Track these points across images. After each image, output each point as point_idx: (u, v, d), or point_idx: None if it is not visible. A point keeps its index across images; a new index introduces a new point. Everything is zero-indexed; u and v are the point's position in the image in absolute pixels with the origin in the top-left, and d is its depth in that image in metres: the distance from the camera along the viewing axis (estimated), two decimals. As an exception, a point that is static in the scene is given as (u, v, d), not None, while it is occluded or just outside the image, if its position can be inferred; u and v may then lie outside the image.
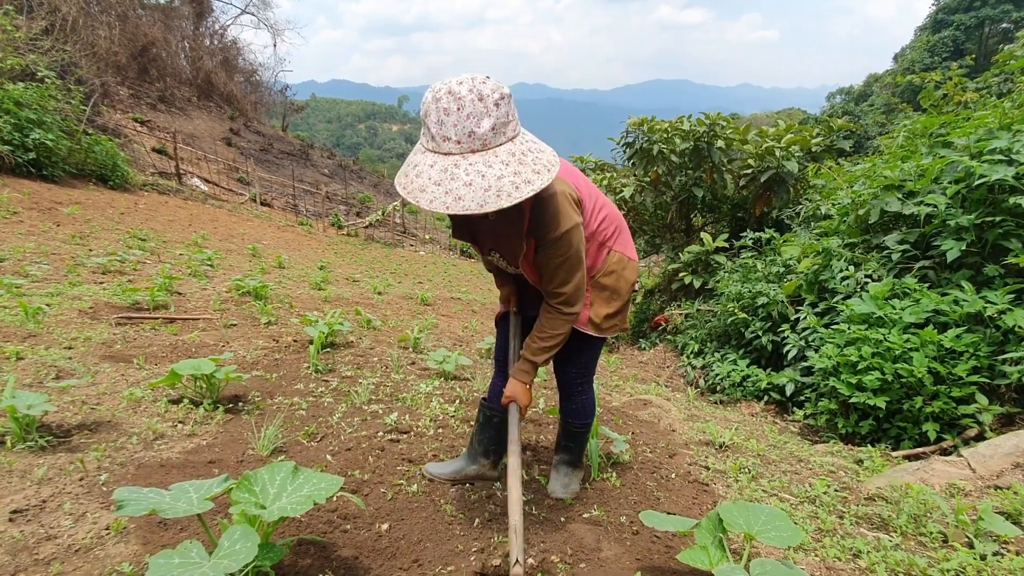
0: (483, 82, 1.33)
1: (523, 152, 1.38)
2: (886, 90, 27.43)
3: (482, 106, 1.31)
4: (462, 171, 1.31)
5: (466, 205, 1.30)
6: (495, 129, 1.33)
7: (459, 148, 1.32)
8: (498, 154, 1.34)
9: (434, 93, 1.33)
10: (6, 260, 5.26)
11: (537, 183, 1.35)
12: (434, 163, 1.34)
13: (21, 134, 9.46)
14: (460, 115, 1.30)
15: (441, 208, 1.31)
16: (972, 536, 1.94)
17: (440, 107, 1.31)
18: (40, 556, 1.49)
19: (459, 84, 1.31)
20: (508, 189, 1.31)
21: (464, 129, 1.31)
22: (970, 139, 4.09)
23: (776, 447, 3.18)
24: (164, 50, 25.54)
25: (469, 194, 1.30)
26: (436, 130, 1.32)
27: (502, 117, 1.34)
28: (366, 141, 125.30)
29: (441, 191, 1.31)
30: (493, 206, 1.30)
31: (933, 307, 3.55)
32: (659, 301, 8.79)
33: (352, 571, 1.56)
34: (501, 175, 1.32)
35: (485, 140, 1.33)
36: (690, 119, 8.19)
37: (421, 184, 1.34)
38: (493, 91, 1.33)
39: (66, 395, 2.58)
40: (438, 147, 1.34)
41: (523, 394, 1.78)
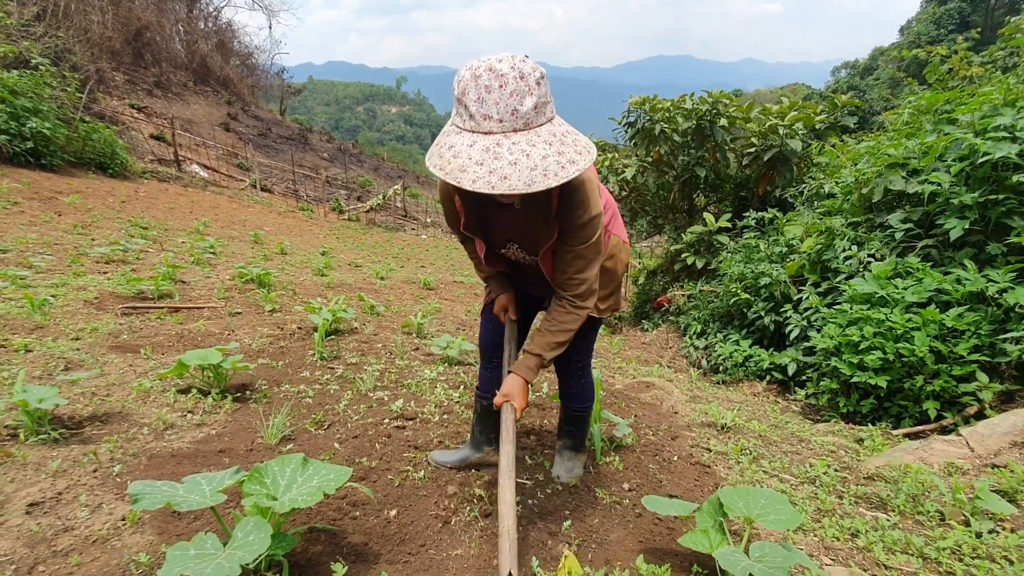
0: (523, 60, 1.28)
1: (563, 133, 1.35)
2: (892, 64, 26.95)
3: (524, 84, 1.26)
4: (505, 150, 1.26)
5: (512, 184, 1.24)
6: (537, 108, 1.29)
7: (501, 127, 1.27)
8: (540, 134, 1.30)
9: (472, 71, 1.27)
10: (9, 251, 5.28)
11: (580, 163, 1.32)
12: (474, 142, 1.28)
13: (18, 123, 9.40)
14: (502, 92, 1.25)
15: (485, 188, 1.24)
16: (968, 514, 1.98)
17: (480, 84, 1.25)
18: (58, 548, 1.53)
19: (499, 62, 1.26)
20: (554, 168, 1.27)
21: (507, 107, 1.26)
22: (974, 116, 4.04)
23: (777, 427, 3.21)
24: (158, 34, 25.19)
25: (515, 173, 1.24)
26: (476, 108, 1.27)
27: (543, 96, 1.31)
28: (365, 124, 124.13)
29: (484, 170, 1.25)
30: (540, 185, 1.25)
31: (935, 286, 3.56)
32: (662, 282, 8.79)
33: (362, 557, 1.60)
34: (546, 154, 1.27)
35: (528, 119, 1.28)
36: (692, 97, 8.09)
37: (461, 164, 1.26)
38: (533, 70, 1.29)
39: (76, 387, 2.62)
40: (478, 126, 1.28)
41: (521, 393, 1.69)
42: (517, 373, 1.72)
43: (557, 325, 1.70)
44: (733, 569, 1.34)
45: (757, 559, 1.39)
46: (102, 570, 1.46)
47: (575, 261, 1.62)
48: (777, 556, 1.39)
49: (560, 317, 1.70)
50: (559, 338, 1.71)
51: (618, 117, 8.90)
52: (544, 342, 1.70)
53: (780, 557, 1.38)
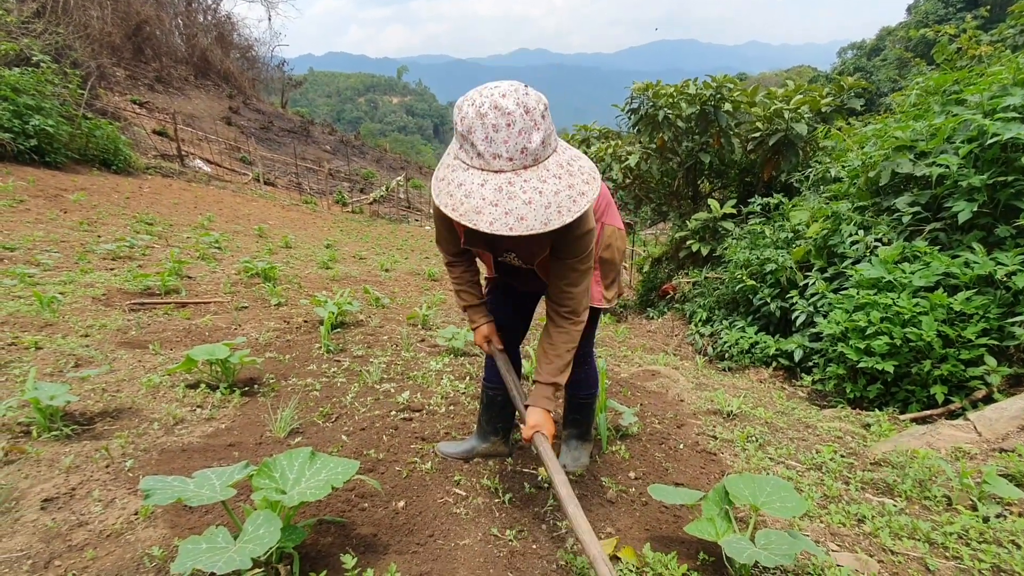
0: (525, 93, 1.27)
1: (568, 162, 1.35)
2: (899, 44, 26.51)
3: (530, 120, 1.25)
4: (518, 189, 1.26)
5: (529, 224, 1.25)
6: (544, 143, 1.29)
7: (511, 165, 1.27)
8: (549, 168, 1.30)
9: (477, 108, 1.26)
10: (17, 249, 5.32)
11: (590, 194, 1.33)
12: (484, 181, 1.27)
13: (21, 121, 9.43)
14: (511, 131, 1.24)
15: (503, 230, 1.24)
16: (976, 499, 1.98)
17: (488, 124, 1.24)
18: (74, 542, 1.56)
19: (503, 97, 1.25)
20: (567, 204, 1.29)
21: (516, 146, 1.25)
22: (983, 96, 3.98)
23: (784, 414, 3.21)
24: (158, 28, 25.09)
25: (531, 212, 1.25)
26: (485, 148, 1.26)
27: (548, 128, 1.30)
28: (366, 115, 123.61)
29: (500, 211, 1.25)
30: (556, 223, 1.27)
31: (943, 270, 3.53)
32: (667, 269, 8.76)
33: (371, 547, 1.62)
34: (557, 190, 1.28)
35: (537, 155, 1.28)
36: (696, 82, 8.00)
37: (475, 205, 1.26)
38: (537, 102, 1.27)
39: (86, 383, 2.65)
40: (487, 164, 1.27)
41: (548, 422, 1.69)
42: (537, 405, 1.70)
43: (559, 347, 1.70)
44: (739, 556, 1.35)
45: (763, 546, 1.39)
46: (116, 564, 1.48)
47: (568, 274, 1.63)
48: (783, 543, 1.40)
49: (560, 339, 1.70)
50: (565, 359, 1.71)
51: (621, 104, 8.82)
52: (552, 368, 1.70)
53: (786, 544, 1.39)
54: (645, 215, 10.63)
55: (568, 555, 1.63)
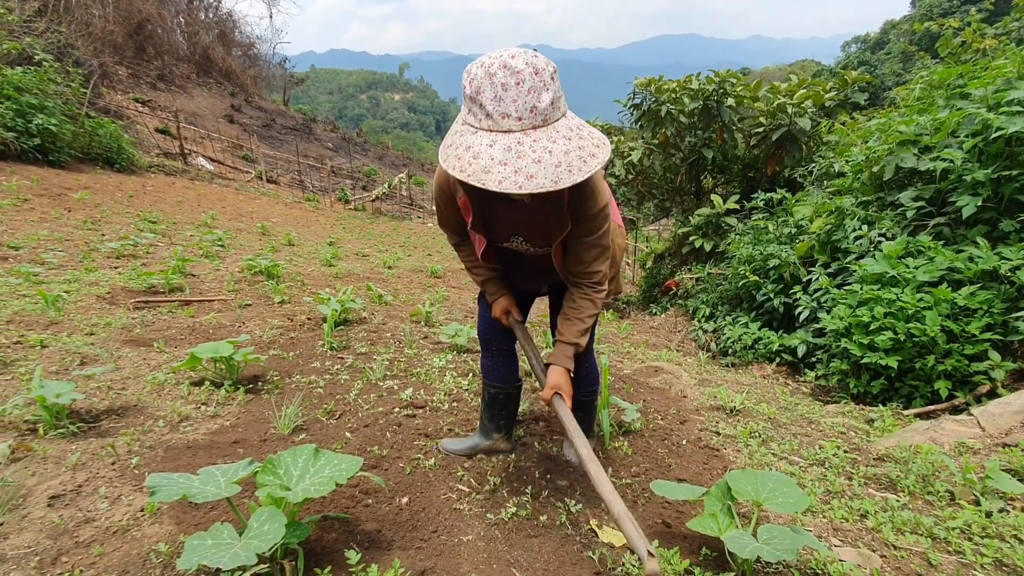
0: (534, 56, 1.27)
1: (578, 127, 1.33)
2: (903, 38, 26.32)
3: (540, 80, 1.24)
4: (527, 148, 1.24)
5: (540, 183, 1.23)
6: (554, 104, 1.27)
7: (520, 125, 1.25)
8: (558, 129, 1.28)
9: (486, 68, 1.25)
10: (22, 248, 5.35)
11: (601, 156, 1.31)
12: (493, 142, 1.25)
13: (24, 120, 9.45)
14: (520, 90, 1.23)
15: (513, 188, 1.22)
16: (979, 494, 1.98)
17: (497, 82, 1.23)
18: (80, 539, 1.57)
19: (512, 58, 1.24)
20: (577, 164, 1.26)
21: (526, 104, 1.24)
22: (988, 90, 3.96)
23: (787, 409, 3.21)
24: (159, 26, 25.11)
25: (540, 171, 1.23)
26: (494, 107, 1.24)
27: (557, 91, 1.29)
28: (368, 112, 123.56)
29: (509, 170, 1.23)
30: (567, 182, 1.24)
31: (947, 265, 3.51)
32: (669, 265, 8.75)
33: (375, 543, 1.63)
34: (567, 150, 1.26)
35: (546, 115, 1.27)
36: (699, 77, 7.97)
37: (484, 165, 1.24)
38: (547, 64, 1.27)
39: (92, 381, 2.67)
40: (496, 124, 1.26)
41: (568, 382, 1.71)
42: (558, 364, 1.71)
43: (582, 312, 1.72)
44: (741, 551, 1.35)
45: (765, 541, 1.40)
46: (123, 560, 1.50)
47: (590, 250, 1.64)
48: (785, 538, 1.40)
49: (582, 303, 1.72)
50: (587, 323, 1.73)
51: (623, 99, 8.80)
52: (575, 330, 1.73)
53: (788, 539, 1.39)
54: (648, 211, 10.62)
55: (573, 548, 1.64)
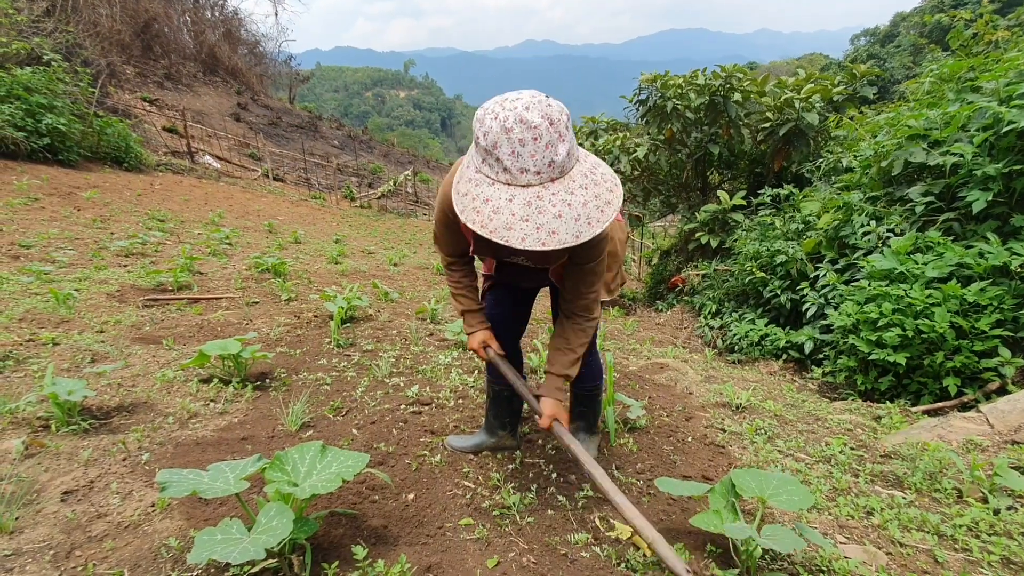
0: (548, 104, 1.26)
1: (591, 170, 1.34)
2: (914, 30, 26.00)
3: (555, 132, 1.24)
4: (547, 203, 1.25)
5: (562, 239, 1.25)
6: (570, 153, 1.28)
7: (539, 179, 1.26)
8: (575, 179, 1.29)
9: (501, 123, 1.23)
10: (33, 247, 5.41)
11: (615, 202, 1.32)
12: (512, 196, 1.26)
13: (33, 120, 9.54)
14: (538, 145, 1.23)
15: (536, 245, 1.24)
16: (987, 491, 1.97)
17: (514, 138, 1.22)
18: (93, 533, 1.60)
19: (527, 110, 1.23)
20: (595, 215, 1.28)
21: (544, 159, 1.24)
22: (999, 83, 3.91)
23: (793, 406, 3.20)
24: (166, 25, 25.23)
25: (562, 226, 1.25)
26: (512, 163, 1.24)
27: (571, 139, 1.29)
28: (374, 109, 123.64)
29: (531, 227, 1.24)
30: (587, 235, 1.26)
31: (957, 261, 3.48)
32: (676, 262, 8.72)
33: (382, 539, 1.65)
34: (585, 200, 1.28)
35: (563, 167, 1.27)
36: (705, 72, 7.92)
37: (505, 221, 1.25)
38: (560, 113, 1.26)
39: (103, 379, 2.70)
40: (514, 179, 1.26)
41: (563, 411, 1.75)
42: (549, 396, 1.74)
43: (573, 343, 1.74)
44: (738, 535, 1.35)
45: (767, 537, 1.40)
46: (135, 554, 1.52)
47: (586, 277, 1.66)
48: (787, 536, 1.40)
49: (573, 336, 1.74)
50: (577, 353, 1.75)
51: (629, 95, 8.76)
52: (565, 361, 1.75)
53: (791, 538, 1.39)
54: (654, 207, 10.58)
55: (579, 543, 1.65)
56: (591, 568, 1.56)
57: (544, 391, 1.76)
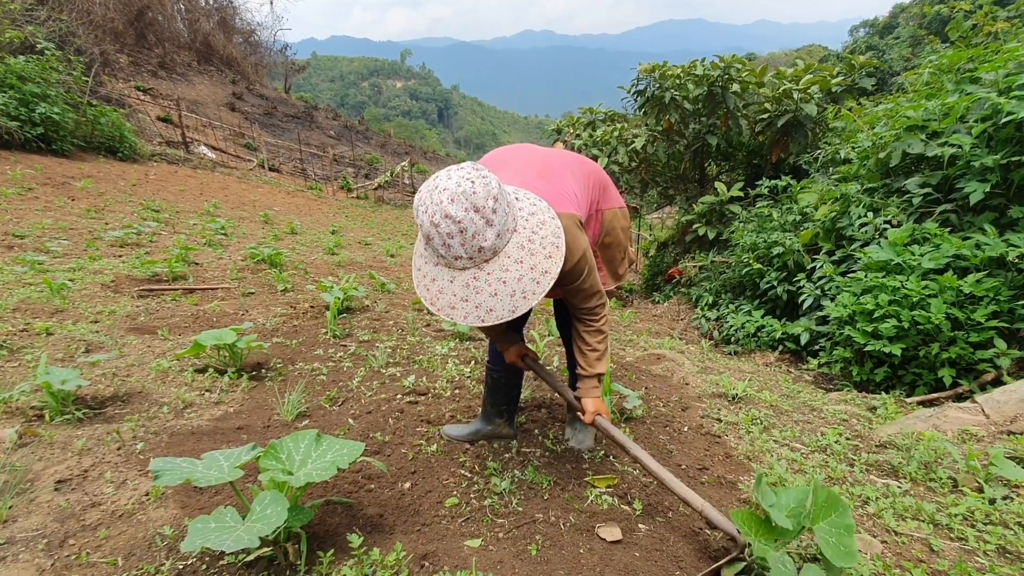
0: (472, 192, 1.27)
1: (528, 240, 1.39)
2: (913, 21, 25.89)
3: (481, 219, 1.29)
4: (483, 283, 1.35)
5: (499, 314, 1.35)
6: (500, 235, 1.34)
7: (472, 263, 1.35)
8: (510, 254, 1.37)
9: (430, 217, 1.29)
10: (27, 237, 5.37)
11: (553, 269, 1.39)
12: (452, 278, 1.37)
13: (27, 109, 9.43)
14: (464, 236, 1.29)
15: (476, 322, 1.36)
16: (982, 481, 1.98)
17: (442, 232, 1.29)
18: (87, 522, 1.59)
19: (452, 203, 1.26)
20: (531, 288, 1.36)
21: (473, 247, 1.31)
22: (999, 74, 3.89)
23: (789, 397, 3.21)
24: (160, 13, 24.93)
25: (498, 304, 1.35)
26: (445, 251, 1.33)
27: (501, 219, 1.33)
28: (370, 99, 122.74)
29: (471, 306, 1.36)
30: (523, 308, 1.36)
31: (954, 252, 3.48)
32: (673, 253, 8.72)
33: (377, 528, 1.65)
34: (520, 275, 1.36)
35: (495, 248, 1.34)
36: (703, 63, 7.87)
37: (449, 302, 1.38)
38: (485, 197, 1.28)
39: (97, 368, 2.69)
40: (451, 264, 1.36)
41: (603, 407, 1.83)
42: (588, 396, 1.82)
43: (591, 342, 1.80)
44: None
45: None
46: (129, 543, 1.51)
47: (577, 294, 1.72)
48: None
49: (592, 337, 1.80)
50: (599, 349, 1.81)
51: (627, 85, 8.70)
52: (591, 360, 1.81)
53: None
54: (651, 199, 10.55)
55: (576, 529, 1.65)
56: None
57: (581, 393, 1.83)
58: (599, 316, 1.78)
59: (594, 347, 1.79)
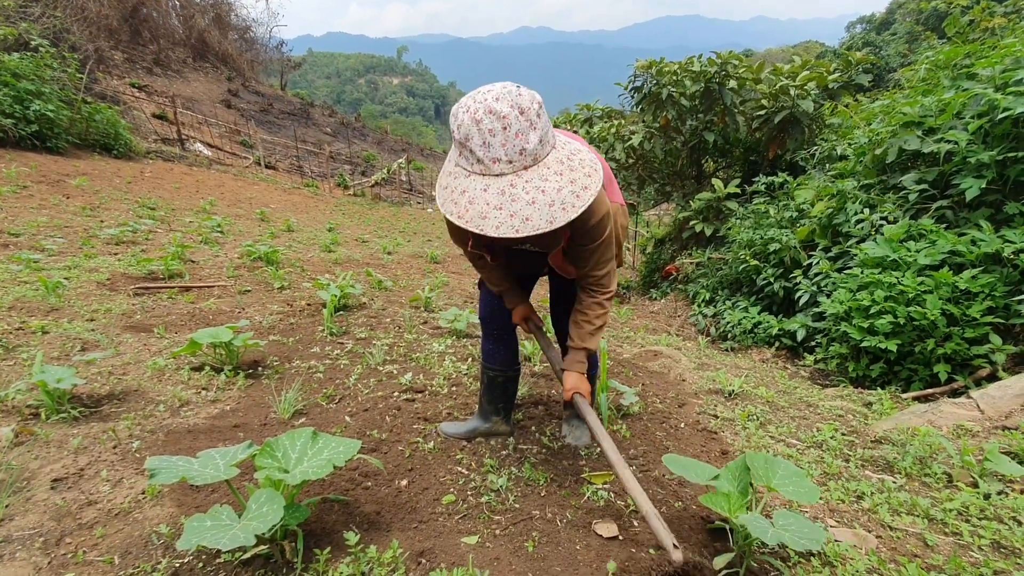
0: (518, 94, 1.27)
1: (568, 157, 1.35)
2: (910, 17, 25.90)
3: (526, 120, 1.25)
4: (520, 190, 1.27)
5: (535, 224, 1.26)
6: (542, 141, 1.29)
7: (511, 168, 1.27)
8: (549, 165, 1.30)
9: (472, 115, 1.25)
10: (22, 235, 5.34)
11: (593, 187, 1.33)
12: (487, 186, 1.28)
13: (22, 106, 9.38)
14: (507, 134, 1.24)
15: (510, 232, 1.26)
16: (977, 476, 1.99)
17: (484, 129, 1.24)
18: (83, 520, 1.59)
19: (497, 101, 1.24)
20: (570, 200, 1.29)
21: (515, 148, 1.25)
22: (995, 70, 3.89)
23: (785, 393, 3.22)
24: (155, 10, 24.80)
25: (536, 213, 1.26)
26: (483, 152, 1.26)
27: (545, 127, 1.30)
28: (367, 96, 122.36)
29: (505, 215, 1.26)
30: (561, 220, 1.28)
31: (949, 248, 3.49)
32: (670, 250, 8.73)
33: (374, 525, 1.65)
34: (560, 187, 1.29)
35: (536, 154, 1.29)
36: (700, 59, 7.87)
37: (480, 211, 1.27)
38: (531, 101, 1.27)
39: (93, 367, 2.68)
40: (488, 169, 1.28)
41: (584, 382, 1.79)
42: (572, 369, 1.78)
43: (590, 315, 1.76)
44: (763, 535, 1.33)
45: (782, 527, 1.39)
46: (125, 541, 1.51)
47: (592, 256, 1.66)
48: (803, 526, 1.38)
49: (591, 310, 1.76)
50: (595, 324, 1.77)
51: (624, 82, 8.69)
52: (584, 333, 1.77)
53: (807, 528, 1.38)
54: (648, 195, 10.56)
55: (574, 526, 1.66)
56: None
57: (567, 364, 1.80)
58: (607, 289, 1.75)
59: (591, 320, 1.76)
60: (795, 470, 1.60)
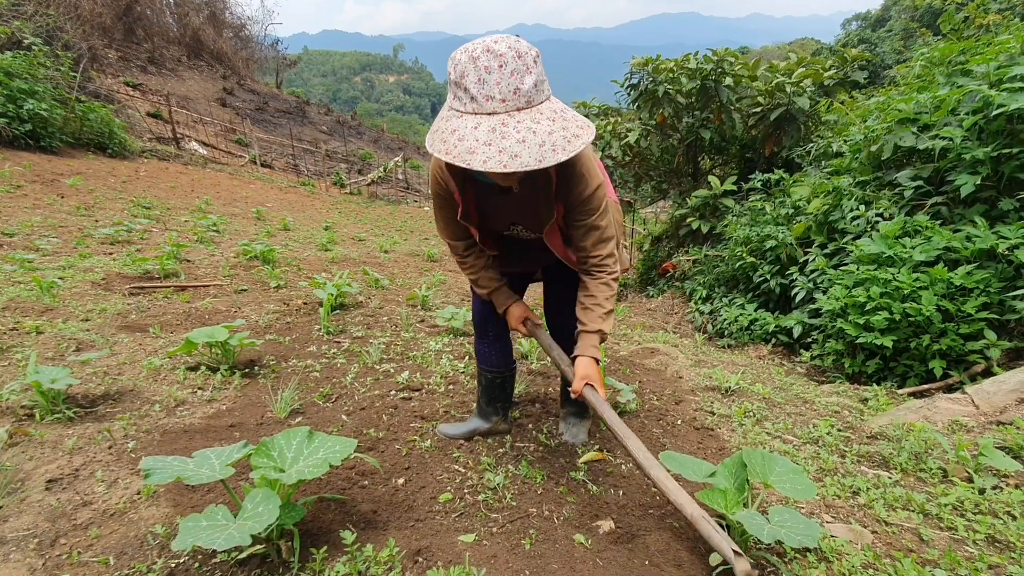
0: (517, 40, 1.29)
1: (562, 109, 1.35)
2: (905, 14, 25.96)
3: (522, 63, 1.26)
4: (511, 128, 1.26)
5: (524, 161, 1.24)
6: (537, 86, 1.29)
7: (504, 107, 1.27)
8: (542, 111, 1.30)
9: (469, 53, 1.27)
10: (16, 235, 5.31)
11: (584, 137, 1.32)
12: (478, 124, 1.28)
13: (15, 105, 9.33)
14: (503, 72, 1.25)
15: (497, 167, 1.24)
16: (972, 471, 1.99)
17: (480, 66, 1.25)
18: (78, 521, 1.58)
19: (495, 43, 1.26)
20: (561, 143, 1.28)
21: (509, 86, 1.26)
22: (990, 66, 3.90)
23: (782, 389, 3.23)
24: (149, 8, 24.65)
25: (525, 150, 1.25)
26: (478, 89, 1.26)
27: (541, 75, 1.31)
28: (363, 94, 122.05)
29: (494, 150, 1.25)
30: (551, 160, 1.26)
31: (944, 244, 3.51)
32: (667, 248, 8.74)
33: (371, 524, 1.64)
34: (551, 130, 1.28)
35: (529, 97, 1.28)
36: (697, 56, 7.86)
37: (468, 146, 1.26)
38: (529, 49, 1.29)
39: (88, 367, 2.66)
40: (480, 107, 1.28)
41: (596, 372, 1.73)
42: (584, 354, 1.72)
43: (597, 297, 1.72)
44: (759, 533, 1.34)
45: (778, 524, 1.39)
46: (120, 541, 1.51)
47: (590, 233, 1.64)
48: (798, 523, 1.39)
49: (598, 290, 1.72)
50: (606, 307, 1.72)
51: (621, 79, 8.68)
52: (595, 316, 1.72)
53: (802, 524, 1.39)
54: (645, 193, 10.55)
55: (571, 522, 1.66)
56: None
57: (579, 350, 1.73)
58: (611, 271, 1.72)
59: (601, 303, 1.71)
60: (791, 466, 1.61)
